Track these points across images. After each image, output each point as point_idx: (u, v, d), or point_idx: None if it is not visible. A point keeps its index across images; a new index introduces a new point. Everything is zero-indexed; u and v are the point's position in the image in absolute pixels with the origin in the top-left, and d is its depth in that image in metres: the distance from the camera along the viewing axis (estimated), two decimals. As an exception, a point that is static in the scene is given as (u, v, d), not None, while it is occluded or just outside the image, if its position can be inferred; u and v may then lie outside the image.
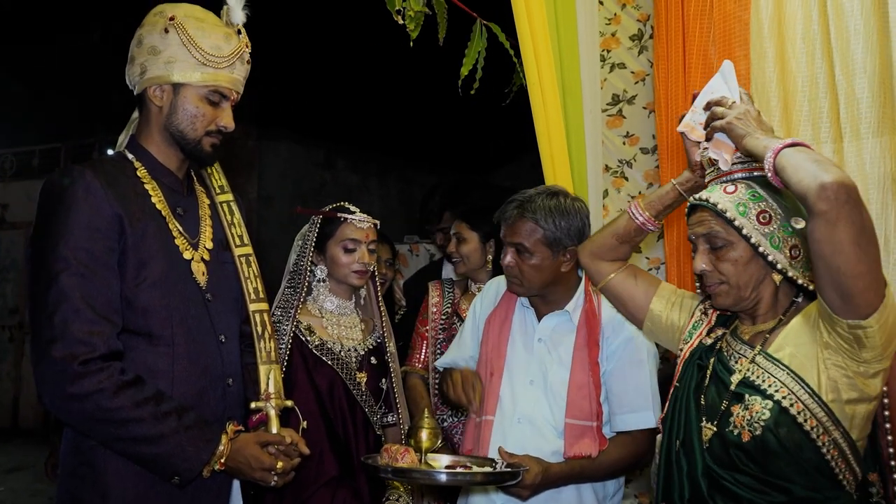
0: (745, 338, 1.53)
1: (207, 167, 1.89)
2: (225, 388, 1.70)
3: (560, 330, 2.03)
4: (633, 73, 2.88)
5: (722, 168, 1.54)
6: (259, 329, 1.79)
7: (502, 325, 2.10)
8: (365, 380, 2.21)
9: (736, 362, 1.50)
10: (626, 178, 2.86)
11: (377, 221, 2.31)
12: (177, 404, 1.56)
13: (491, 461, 1.87)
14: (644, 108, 2.85)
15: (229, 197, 1.88)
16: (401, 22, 2.17)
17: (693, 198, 1.56)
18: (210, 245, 1.76)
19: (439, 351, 2.72)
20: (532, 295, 2.06)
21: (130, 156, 1.71)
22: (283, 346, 2.12)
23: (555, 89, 2.51)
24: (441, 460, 1.89)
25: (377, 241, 2.34)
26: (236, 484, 1.73)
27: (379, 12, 2.19)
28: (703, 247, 1.53)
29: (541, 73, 2.49)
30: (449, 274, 3.13)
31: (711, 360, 1.56)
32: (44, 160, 8.61)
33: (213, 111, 1.69)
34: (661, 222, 1.79)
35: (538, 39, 2.49)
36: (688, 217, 1.58)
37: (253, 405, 1.73)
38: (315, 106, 7.29)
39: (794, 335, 1.45)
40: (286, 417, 1.80)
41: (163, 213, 1.68)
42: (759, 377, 1.44)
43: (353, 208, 2.28)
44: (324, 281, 2.28)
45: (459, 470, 1.82)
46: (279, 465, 1.62)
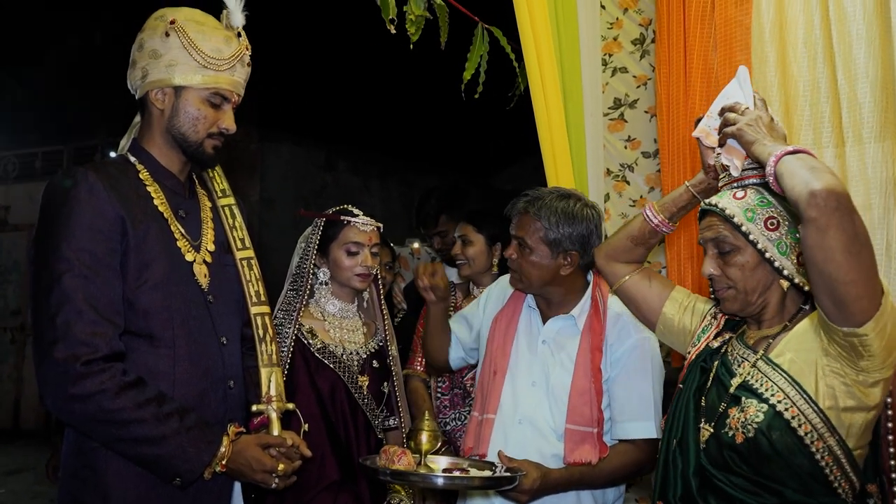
0: (749, 342, 1.54)
1: (209, 170, 1.89)
2: (226, 390, 1.71)
3: (564, 333, 2.03)
4: (634, 77, 2.88)
5: (733, 174, 1.55)
6: (260, 332, 1.79)
7: (508, 325, 2.11)
8: (367, 383, 2.21)
9: (739, 366, 1.51)
10: (628, 182, 2.86)
11: (380, 225, 2.31)
12: (178, 405, 1.56)
13: (490, 465, 1.87)
14: (646, 112, 2.85)
15: (231, 200, 1.89)
16: (393, 31, 2.17)
17: (703, 203, 1.58)
18: (212, 247, 1.77)
19: (441, 353, 2.72)
20: (530, 292, 2.06)
21: (133, 158, 1.71)
22: (286, 349, 2.12)
23: (557, 92, 2.52)
24: (440, 463, 1.89)
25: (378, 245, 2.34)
26: (237, 486, 1.73)
27: (379, 15, 2.20)
28: (711, 251, 1.54)
29: (543, 77, 2.49)
30: (450, 277, 3.13)
31: (715, 364, 1.57)
32: (46, 162, 8.62)
33: (215, 113, 1.70)
34: (676, 224, 1.79)
35: (540, 43, 2.50)
36: (699, 221, 1.59)
37: (254, 408, 1.73)
38: (316, 108, 7.30)
39: (796, 341, 1.46)
40: (287, 420, 1.80)
41: (165, 215, 1.68)
42: (757, 381, 1.45)
43: (356, 211, 2.28)
44: (326, 284, 2.28)
45: (457, 473, 1.82)
46: (280, 467, 1.62)
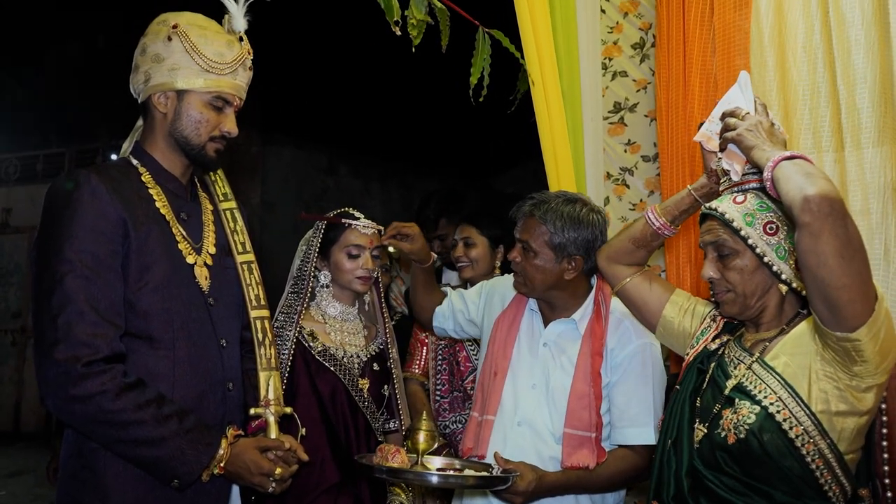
0: (746, 345, 1.56)
1: (211, 173, 1.90)
2: (225, 393, 1.71)
3: (565, 337, 2.03)
4: (634, 81, 2.89)
5: (733, 178, 1.56)
6: (259, 336, 1.80)
7: (510, 327, 2.11)
8: (367, 386, 2.21)
9: (734, 368, 1.53)
10: (628, 186, 2.87)
11: (381, 227, 2.32)
12: (178, 407, 1.57)
13: (487, 466, 1.87)
14: (646, 115, 2.86)
15: (232, 204, 1.90)
16: (398, 33, 2.18)
17: (703, 207, 1.60)
18: (213, 250, 1.77)
19: (441, 356, 2.73)
20: (534, 295, 2.06)
21: (135, 161, 1.72)
22: (286, 352, 2.13)
23: (558, 96, 2.53)
24: (435, 463, 1.89)
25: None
26: (235, 489, 1.73)
27: (380, 19, 2.21)
28: (711, 255, 1.56)
29: (545, 80, 2.50)
30: (449, 280, 3.14)
31: (712, 365, 1.58)
32: (48, 165, 8.64)
33: (217, 117, 1.71)
34: (678, 227, 1.80)
35: (542, 46, 2.51)
36: (699, 225, 1.61)
37: (252, 411, 1.74)
38: (317, 112, 7.31)
39: (791, 345, 1.47)
40: (286, 424, 1.80)
41: (167, 217, 1.69)
42: (752, 383, 1.46)
43: (357, 214, 2.29)
44: (327, 287, 2.29)
45: (451, 472, 1.83)
46: (278, 471, 1.63)
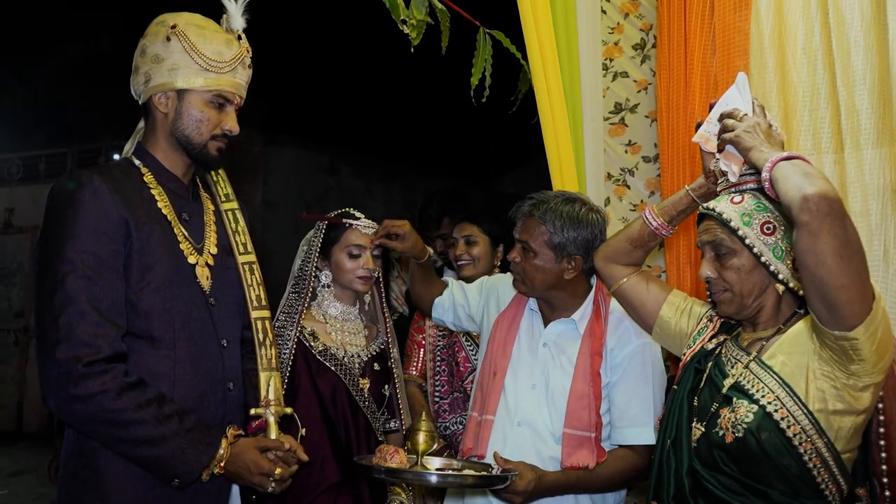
0: (743, 344, 1.56)
1: (213, 174, 1.91)
2: (225, 392, 1.72)
3: (565, 337, 2.03)
4: (635, 81, 2.89)
5: (731, 179, 1.57)
6: (260, 336, 1.81)
7: (510, 326, 2.11)
8: (368, 386, 2.22)
9: (732, 367, 1.53)
10: (628, 187, 2.88)
11: (381, 228, 2.32)
12: (178, 407, 1.57)
13: (487, 466, 1.88)
14: (646, 116, 2.87)
15: (234, 205, 1.91)
16: (405, 31, 2.18)
17: (701, 207, 1.60)
18: (214, 250, 1.78)
19: (439, 357, 2.73)
20: (534, 295, 2.06)
21: (137, 161, 1.73)
22: (287, 352, 2.13)
23: (562, 96, 2.53)
24: (435, 463, 1.90)
25: None
26: (235, 488, 1.74)
27: (383, 19, 2.21)
28: (708, 254, 1.56)
29: (548, 80, 2.51)
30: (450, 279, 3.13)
31: (709, 365, 1.59)
32: (50, 165, 8.67)
33: (218, 115, 1.71)
34: (675, 228, 1.81)
35: (545, 46, 2.51)
36: (697, 225, 1.61)
37: (252, 411, 1.74)
38: (320, 112, 7.33)
39: (788, 344, 1.47)
40: (286, 425, 1.81)
41: (168, 217, 1.69)
42: (749, 382, 1.47)
43: (358, 214, 2.29)
44: (328, 286, 2.29)
45: (450, 472, 1.83)
46: (277, 471, 1.63)
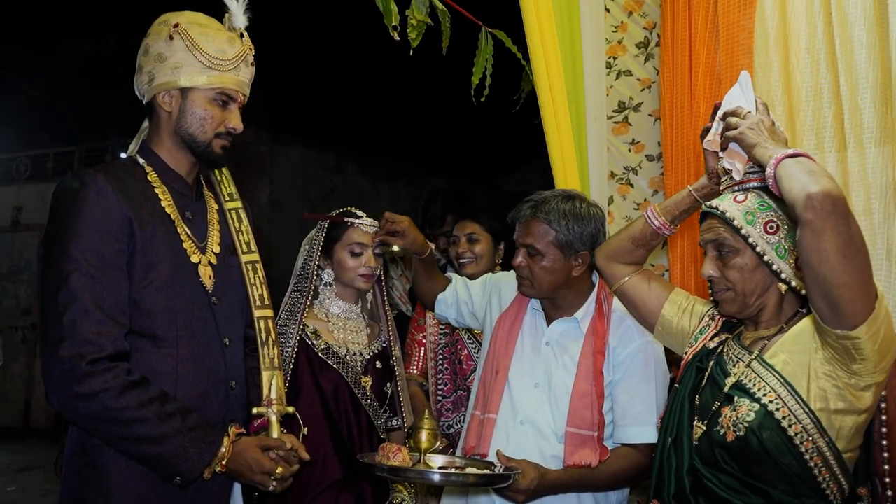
0: (746, 343, 1.56)
1: (217, 173, 1.92)
2: (227, 391, 1.72)
3: (568, 336, 2.03)
4: (639, 80, 2.89)
5: (735, 177, 1.56)
6: (263, 335, 1.81)
7: (512, 325, 2.11)
8: (370, 384, 2.22)
9: (733, 366, 1.53)
10: (632, 185, 2.87)
11: (384, 226, 2.33)
12: (180, 405, 1.58)
13: (490, 465, 1.88)
14: (650, 115, 2.86)
15: (238, 204, 1.91)
16: (397, 38, 2.19)
17: (704, 205, 1.60)
18: (217, 249, 1.79)
19: (442, 356, 2.73)
20: (542, 297, 2.06)
21: (141, 160, 1.74)
22: (290, 350, 2.14)
23: (564, 95, 2.53)
24: (437, 461, 1.90)
25: None
26: (237, 486, 1.75)
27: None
28: (711, 253, 1.56)
29: (551, 79, 2.51)
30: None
31: (711, 364, 1.59)
32: (58, 163, 8.72)
33: (221, 113, 1.72)
34: (677, 227, 1.80)
35: (548, 45, 2.51)
36: (700, 224, 1.61)
37: (254, 410, 1.75)
38: (326, 111, 7.34)
39: (790, 343, 1.47)
40: (288, 423, 1.81)
41: (172, 216, 1.70)
42: (751, 381, 1.47)
43: (359, 213, 2.30)
44: (331, 285, 2.30)
45: (452, 470, 1.84)
46: (279, 470, 1.64)
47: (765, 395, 1.43)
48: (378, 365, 2.28)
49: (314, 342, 2.19)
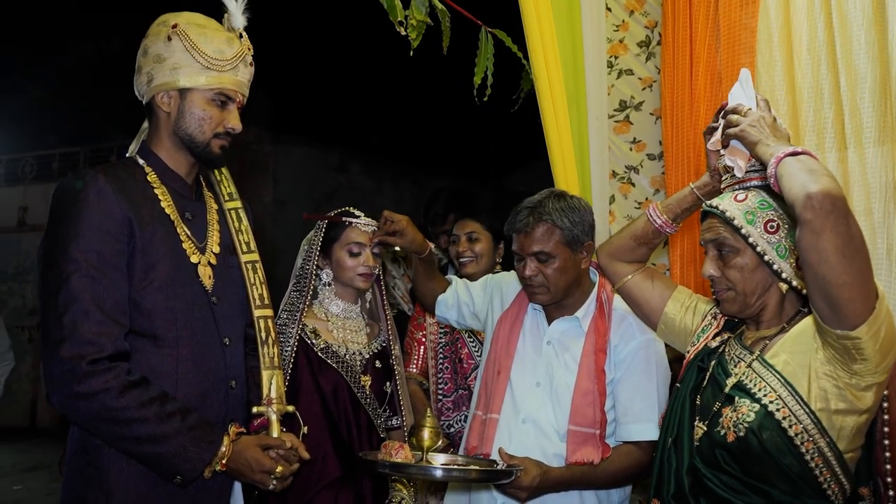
0: (747, 343, 1.56)
1: (217, 173, 1.92)
2: (227, 391, 1.73)
3: (569, 334, 2.04)
4: (640, 79, 2.88)
5: (736, 175, 1.56)
6: (263, 335, 1.82)
7: (513, 325, 2.11)
8: (369, 383, 2.23)
9: (735, 366, 1.53)
10: (633, 184, 2.87)
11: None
12: (181, 405, 1.59)
13: (492, 463, 1.88)
14: (651, 114, 2.86)
15: (238, 204, 1.92)
16: (403, 33, 2.19)
17: (704, 205, 1.59)
18: (217, 249, 1.79)
19: (442, 355, 2.74)
20: (556, 301, 2.05)
21: (141, 161, 1.75)
22: (289, 349, 2.15)
23: (564, 94, 2.53)
24: (439, 459, 1.90)
25: None
26: (237, 485, 1.76)
27: (390, 19, 2.22)
28: (712, 253, 1.56)
29: (550, 79, 2.51)
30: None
31: (712, 363, 1.58)
32: (63, 164, 8.76)
33: (220, 113, 1.73)
34: (679, 226, 1.80)
35: (548, 45, 2.51)
36: (700, 223, 1.61)
37: (254, 409, 1.75)
38: (329, 111, 7.36)
39: (791, 343, 1.47)
40: (288, 423, 1.82)
41: (171, 217, 1.71)
42: (752, 381, 1.46)
43: (357, 212, 2.31)
44: (329, 285, 2.31)
45: (455, 466, 1.84)
46: (279, 469, 1.64)
47: (765, 396, 1.42)
48: (377, 364, 2.28)
49: (314, 341, 2.20)
